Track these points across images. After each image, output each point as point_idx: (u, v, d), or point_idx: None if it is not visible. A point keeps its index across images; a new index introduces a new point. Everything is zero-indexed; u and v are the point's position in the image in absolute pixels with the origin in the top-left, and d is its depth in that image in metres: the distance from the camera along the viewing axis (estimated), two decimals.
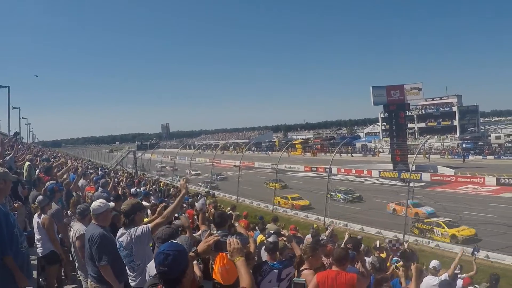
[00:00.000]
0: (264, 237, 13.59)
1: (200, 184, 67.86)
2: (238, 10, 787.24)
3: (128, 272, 7.18)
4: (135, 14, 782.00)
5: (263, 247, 9.68)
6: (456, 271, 12.33)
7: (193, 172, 75.62)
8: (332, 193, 48.94)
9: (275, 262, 8.25)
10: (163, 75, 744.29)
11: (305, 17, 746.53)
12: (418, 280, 8.77)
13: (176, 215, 10.42)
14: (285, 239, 11.09)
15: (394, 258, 16.27)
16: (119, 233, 7.18)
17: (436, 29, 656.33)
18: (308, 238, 16.41)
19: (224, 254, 5.84)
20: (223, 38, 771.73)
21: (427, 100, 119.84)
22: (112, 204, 8.41)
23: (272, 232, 14.29)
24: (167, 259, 4.11)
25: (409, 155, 74.06)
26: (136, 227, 7.05)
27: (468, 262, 15.22)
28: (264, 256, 9.38)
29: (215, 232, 8.55)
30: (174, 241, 5.25)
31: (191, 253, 5.14)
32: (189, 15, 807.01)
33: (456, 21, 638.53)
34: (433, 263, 11.81)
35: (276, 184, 57.73)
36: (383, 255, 16.98)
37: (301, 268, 8.30)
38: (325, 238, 16.14)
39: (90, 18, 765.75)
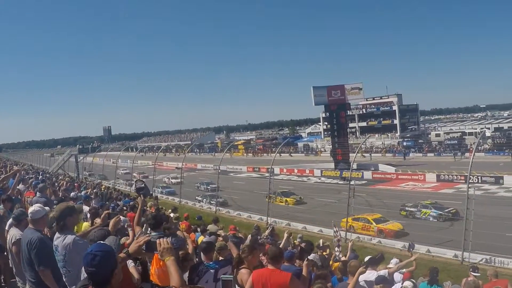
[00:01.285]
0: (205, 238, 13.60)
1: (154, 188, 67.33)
2: (176, 5, 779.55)
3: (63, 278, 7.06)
4: (72, 12, 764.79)
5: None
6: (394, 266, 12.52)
7: (172, 180, 71.90)
8: (411, 209, 40.97)
9: (211, 262, 8.35)
10: (104, 76, 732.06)
11: (246, 15, 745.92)
12: (357, 276, 8.91)
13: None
14: (221, 239, 11.15)
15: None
16: (55, 237, 7.08)
17: (375, 28, 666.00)
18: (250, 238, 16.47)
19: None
20: (162, 35, 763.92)
21: (367, 99, 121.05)
22: (47, 208, 8.32)
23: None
24: (95, 260, 4.18)
25: (350, 154, 74.71)
26: (73, 236, 6.98)
27: (408, 257, 15.46)
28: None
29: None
30: (101, 242, 5.49)
31: (122, 254, 5.36)
32: (131, 11, 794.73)
33: (395, 21, 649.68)
34: (367, 258, 11.98)
35: (289, 199, 51.25)
36: (326, 253, 17.23)
37: (240, 267, 8.35)
38: (265, 237, 16.28)
39: (24, 15, 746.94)
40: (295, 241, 19.14)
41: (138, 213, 9.53)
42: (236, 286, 8.01)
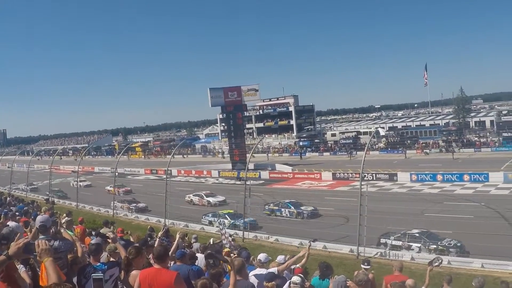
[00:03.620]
0: None
1: (47, 193, 64.10)
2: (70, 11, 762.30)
3: None
4: None
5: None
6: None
7: (211, 200, 51.63)
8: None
9: (98, 264, 8.18)
10: None
11: (142, 17, 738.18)
12: (237, 273, 8.69)
13: None
14: (110, 240, 10.98)
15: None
16: None
17: (272, 30, 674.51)
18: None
19: None
20: (55, 37, 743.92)
21: (264, 100, 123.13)
22: None
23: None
24: None
25: (247, 154, 75.04)
26: None
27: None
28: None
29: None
30: None
31: (1, 257, 5.35)
32: (24, 14, 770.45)
33: (290, 23, 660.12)
34: (260, 256, 11.81)
35: None
36: (225, 251, 17.12)
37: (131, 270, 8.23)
38: (159, 238, 16.00)
39: None
40: (190, 241, 19.02)
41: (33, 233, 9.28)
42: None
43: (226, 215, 39.50)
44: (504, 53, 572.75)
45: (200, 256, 13.44)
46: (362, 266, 13.29)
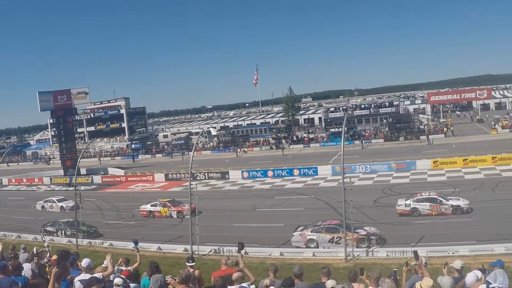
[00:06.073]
0: None
1: None
2: None
3: None
4: None
5: None
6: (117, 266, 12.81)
7: None
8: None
9: None
10: None
11: None
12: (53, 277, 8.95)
13: None
14: None
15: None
16: None
17: (99, 30, 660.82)
18: None
19: None
20: None
21: (95, 104, 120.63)
22: None
23: None
24: None
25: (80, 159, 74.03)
26: None
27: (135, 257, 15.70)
28: None
29: None
30: None
31: None
32: None
33: (118, 24, 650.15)
34: (83, 261, 12.23)
35: None
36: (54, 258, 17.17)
37: None
38: None
39: None
40: (18, 252, 18.86)
41: None
42: None
43: None
44: (332, 54, 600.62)
45: (27, 266, 13.43)
46: (186, 263, 13.88)
